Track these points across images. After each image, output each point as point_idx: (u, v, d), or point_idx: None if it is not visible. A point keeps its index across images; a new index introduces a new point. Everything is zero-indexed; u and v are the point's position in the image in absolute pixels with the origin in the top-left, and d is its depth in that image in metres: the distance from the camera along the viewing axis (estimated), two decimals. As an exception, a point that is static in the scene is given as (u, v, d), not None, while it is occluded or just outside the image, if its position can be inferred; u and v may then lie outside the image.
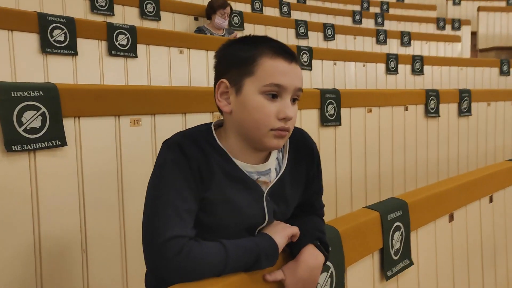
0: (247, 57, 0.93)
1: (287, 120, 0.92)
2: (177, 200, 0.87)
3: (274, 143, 0.94)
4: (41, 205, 1.40)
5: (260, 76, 0.92)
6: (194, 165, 0.91)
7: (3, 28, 2.08)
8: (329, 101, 2.42)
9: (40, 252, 1.40)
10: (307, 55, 3.74)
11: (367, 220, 1.28)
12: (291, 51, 0.96)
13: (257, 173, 0.99)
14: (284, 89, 0.92)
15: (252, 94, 0.92)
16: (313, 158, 1.08)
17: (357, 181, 2.61)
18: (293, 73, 0.93)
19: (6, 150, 1.31)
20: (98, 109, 1.53)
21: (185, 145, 0.91)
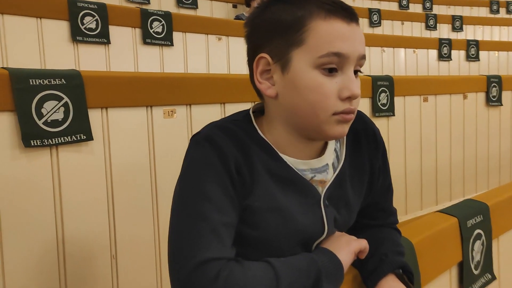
0: (293, 20, 0.71)
1: (352, 99, 0.71)
2: (210, 211, 0.68)
3: (339, 131, 0.72)
4: (64, 206, 1.25)
5: (313, 44, 0.70)
6: (230, 165, 0.71)
7: (32, 15, 1.96)
8: (381, 89, 2.19)
9: (64, 258, 1.26)
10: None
11: (444, 228, 1.05)
12: (349, 7, 0.73)
13: (311, 171, 0.78)
14: (345, 58, 0.70)
15: (304, 69, 0.70)
16: (377, 145, 0.85)
17: (411, 177, 2.38)
18: (355, 37, 0.71)
19: (24, 146, 1.16)
20: (128, 99, 1.37)
21: (217, 138, 0.72)
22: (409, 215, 2.40)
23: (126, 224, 1.38)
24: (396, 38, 3.96)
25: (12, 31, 1.93)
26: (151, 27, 2.37)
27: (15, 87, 1.15)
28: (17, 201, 1.17)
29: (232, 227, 0.70)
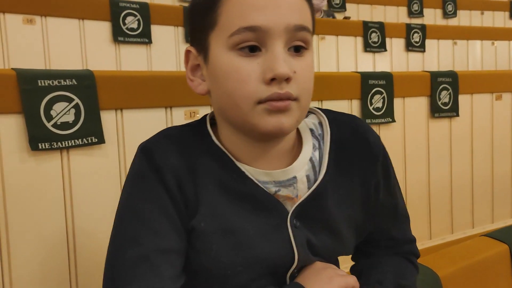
0: (203, 3, 0.61)
1: (281, 81, 0.56)
2: (144, 235, 0.57)
3: (272, 123, 0.57)
4: (75, 212, 1.21)
5: (225, 22, 0.58)
6: (168, 179, 0.59)
7: (74, 17, 1.97)
8: (442, 86, 1.95)
9: (75, 265, 1.21)
10: (418, 34, 3.20)
11: (489, 256, 0.85)
12: None
13: (275, 184, 0.63)
14: (265, 33, 0.56)
15: (220, 54, 0.59)
16: (373, 157, 0.69)
17: (480, 186, 2.11)
18: (277, 3, 0.57)
19: (31, 149, 1.13)
20: (145, 99, 1.30)
21: (155, 149, 0.61)
22: (477, 229, 2.13)
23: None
24: (470, 29, 3.59)
25: (55, 33, 1.96)
26: (194, 25, 2.31)
27: (23, 88, 1.12)
28: (25, 206, 1.14)
29: (174, 253, 0.59)
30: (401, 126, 1.86)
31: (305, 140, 0.67)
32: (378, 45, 3.11)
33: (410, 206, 1.90)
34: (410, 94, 1.89)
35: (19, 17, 1.92)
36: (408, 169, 1.89)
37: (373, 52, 3.11)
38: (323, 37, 2.89)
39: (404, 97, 1.87)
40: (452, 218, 2.05)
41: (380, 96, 1.79)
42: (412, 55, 3.25)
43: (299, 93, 0.59)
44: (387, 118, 1.81)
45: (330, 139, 0.67)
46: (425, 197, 1.97)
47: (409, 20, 4.16)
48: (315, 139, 0.68)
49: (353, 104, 1.75)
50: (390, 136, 1.83)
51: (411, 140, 1.90)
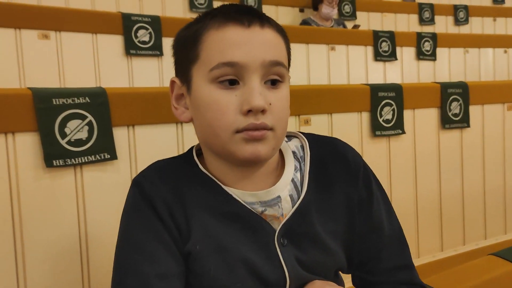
0: (190, 36, 0.66)
1: (257, 112, 0.61)
2: (141, 263, 0.62)
3: (249, 151, 0.62)
4: (89, 228, 1.23)
5: (206, 57, 0.64)
6: (160, 208, 0.64)
7: (87, 31, 2.01)
8: (452, 98, 1.94)
9: (89, 280, 1.24)
10: (429, 43, 3.19)
11: (495, 277, 0.85)
12: (251, 9, 0.67)
13: (261, 204, 0.67)
14: (243, 68, 0.62)
15: (201, 86, 0.64)
16: (353, 171, 0.72)
17: (492, 197, 2.09)
18: (254, 41, 0.63)
19: (46, 166, 1.15)
20: (156, 115, 1.32)
21: (144, 182, 0.67)
22: (490, 240, 2.11)
23: (154, 245, 1.33)
24: (482, 37, 3.57)
25: (69, 47, 2.00)
26: (205, 38, 2.34)
27: (38, 107, 1.15)
28: (40, 221, 1.17)
29: (172, 277, 0.62)
30: (411, 137, 1.86)
31: (287, 162, 0.71)
32: (389, 54, 3.11)
33: (422, 218, 1.90)
34: (420, 106, 1.89)
35: (35, 33, 1.96)
36: (419, 181, 1.89)
37: (383, 61, 3.10)
38: (333, 47, 2.90)
39: (414, 109, 1.87)
40: (464, 230, 2.04)
41: (390, 108, 1.79)
42: (423, 64, 3.24)
43: (274, 123, 0.63)
44: (397, 130, 1.81)
45: (310, 160, 0.71)
46: (437, 208, 1.96)
47: (420, 27, 4.14)
48: (297, 161, 0.72)
49: (363, 116, 1.75)
50: (400, 148, 1.83)
51: (421, 151, 1.89)
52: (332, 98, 1.68)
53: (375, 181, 0.75)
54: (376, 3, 4.25)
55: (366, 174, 0.73)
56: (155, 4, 2.96)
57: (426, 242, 1.91)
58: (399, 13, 4.15)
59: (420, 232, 1.89)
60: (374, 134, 1.76)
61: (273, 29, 0.66)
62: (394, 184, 1.82)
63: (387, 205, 0.75)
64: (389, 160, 1.82)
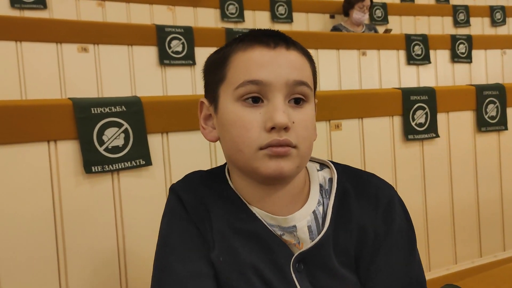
0: (219, 58, 0.70)
1: (280, 129, 0.62)
2: (176, 263, 0.66)
3: (272, 167, 0.63)
4: (126, 232, 1.28)
5: (232, 77, 0.66)
6: (194, 215, 0.70)
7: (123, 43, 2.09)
8: (489, 100, 1.90)
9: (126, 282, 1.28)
10: (464, 45, 3.12)
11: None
12: (276, 32, 0.70)
13: (279, 228, 0.69)
14: (267, 86, 0.64)
15: (227, 104, 0.67)
16: (375, 206, 0.70)
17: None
18: (279, 61, 0.65)
19: (86, 172, 1.21)
20: (189, 122, 1.36)
21: (182, 189, 0.73)
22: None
23: (188, 249, 1.36)
24: (520, 38, 3.46)
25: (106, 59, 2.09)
26: (236, 46, 2.39)
27: (78, 116, 1.21)
28: (81, 225, 1.22)
29: (205, 277, 0.66)
30: (445, 141, 1.83)
31: (312, 194, 0.72)
32: (422, 57, 3.06)
33: (458, 223, 1.85)
34: (454, 109, 1.86)
35: (74, 46, 2.06)
36: (454, 186, 1.85)
37: (416, 65, 3.06)
38: (364, 52, 2.88)
39: (448, 112, 1.84)
40: (504, 236, 1.98)
41: (423, 111, 1.77)
42: (458, 67, 3.17)
43: (298, 141, 0.64)
44: (430, 134, 1.79)
45: (335, 195, 0.71)
46: (474, 214, 1.91)
47: (455, 30, 4.06)
48: (321, 195, 0.72)
49: (395, 120, 1.74)
50: (434, 152, 1.80)
51: (457, 155, 1.85)
52: (363, 103, 1.68)
53: (402, 221, 0.71)
54: (408, 7, 4.19)
55: (389, 210, 0.70)
56: (188, 15, 3.04)
57: (463, 248, 1.86)
58: (433, 15, 4.08)
59: (456, 238, 1.84)
60: (407, 138, 1.74)
61: (299, 51, 0.68)
62: (429, 188, 1.79)
63: (409, 249, 0.70)
64: (423, 165, 1.79)
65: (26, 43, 2.04)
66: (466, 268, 1.80)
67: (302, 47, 0.70)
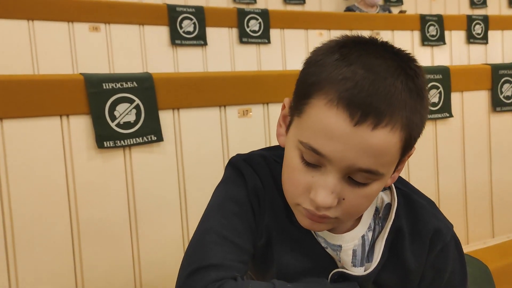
0: (305, 81, 0.59)
1: (319, 206, 0.57)
2: (225, 227, 0.65)
3: (305, 223, 0.61)
4: (137, 206, 1.29)
5: (304, 124, 0.57)
6: (251, 193, 0.68)
7: (135, 23, 2.09)
8: (504, 79, 1.86)
9: (139, 257, 1.30)
10: (480, 25, 3.06)
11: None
12: (374, 105, 0.52)
13: (325, 241, 0.67)
14: (327, 161, 0.55)
15: (292, 141, 0.60)
16: (428, 249, 0.67)
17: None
18: (353, 143, 0.53)
19: (98, 147, 1.22)
20: (200, 99, 1.36)
21: (245, 165, 0.69)
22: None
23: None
24: (539, 18, 3.38)
25: (118, 38, 2.09)
26: (248, 26, 2.37)
27: (90, 91, 1.22)
28: (93, 199, 1.24)
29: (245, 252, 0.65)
30: (459, 121, 1.81)
31: (364, 218, 0.68)
32: (437, 38, 3.01)
33: (471, 204, 1.84)
34: (469, 88, 1.82)
35: (86, 25, 2.07)
36: (467, 166, 1.83)
37: (431, 45, 3.01)
38: (378, 33, 2.84)
39: (463, 91, 1.81)
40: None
41: (437, 90, 1.74)
42: (474, 48, 3.11)
43: (340, 215, 0.59)
44: (444, 113, 1.76)
45: (390, 228, 0.67)
46: (487, 195, 1.89)
47: (471, 11, 3.97)
48: (374, 220, 0.69)
49: (408, 99, 1.71)
50: (447, 131, 1.78)
51: (470, 135, 1.83)
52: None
53: (454, 267, 0.68)
54: (423, -13, 4.12)
55: (443, 256, 0.67)
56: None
57: (476, 228, 1.85)
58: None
59: (469, 219, 1.83)
60: (420, 118, 1.72)
61: (393, 126, 0.54)
62: (442, 169, 1.77)
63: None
64: (436, 144, 1.77)
65: (38, 22, 2.05)
66: (478, 248, 1.79)
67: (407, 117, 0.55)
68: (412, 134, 0.57)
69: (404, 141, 0.56)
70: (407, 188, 0.70)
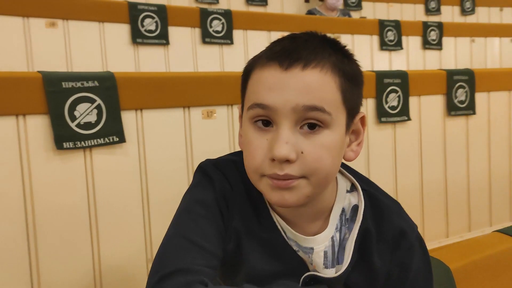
0: (245, 69, 0.67)
1: (281, 162, 0.58)
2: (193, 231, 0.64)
3: (275, 198, 0.60)
4: (98, 209, 1.25)
5: (248, 96, 0.64)
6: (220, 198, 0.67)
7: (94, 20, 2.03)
8: (458, 85, 1.94)
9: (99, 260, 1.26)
10: (436, 32, 3.18)
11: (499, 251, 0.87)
12: (298, 47, 0.60)
13: (296, 244, 0.67)
14: (274, 111, 0.58)
15: (244, 122, 0.64)
16: (393, 249, 0.68)
17: (498, 185, 2.09)
18: (289, 84, 0.58)
19: (57, 148, 1.17)
20: (164, 100, 1.34)
21: (214, 170, 0.70)
22: (495, 227, 2.12)
23: (162, 227, 1.34)
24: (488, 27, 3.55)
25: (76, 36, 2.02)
26: (211, 26, 2.35)
27: (48, 90, 1.17)
28: (51, 203, 1.19)
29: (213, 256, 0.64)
30: (417, 124, 1.87)
31: (333, 216, 0.69)
32: (395, 43, 3.10)
33: (427, 204, 1.90)
34: (426, 93, 1.89)
35: (42, 21, 1.98)
36: (424, 167, 1.90)
37: (389, 50, 3.10)
38: (339, 36, 2.90)
39: (420, 96, 1.87)
40: (470, 216, 2.05)
41: (396, 94, 1.80)
42: (429, 53, 3.23)
43: (306, 172, 0.59)
44: (402, 117, 1.82)
45: (358, 230, 0.68)
46: (443, 195, 1.97)
47: (426, 17, 4.12)
48: (340, 220, 0.69)
49: (369, 102, 1.76)
50: (406, 134, 1.84)
51: (427, 138, 1.90)
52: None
53: (418, 268, 0.70)
54: (382, -7, 4.24)
55: (408, 256, 0.68)
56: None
57: (431, 228, 1.92)
58: (405, 3, 4.13)
59: (425, 219, 1.90)
60: (380, 121, 1.77)
61: (322, 67, 0.59)
62: (400, 170, 1.83)
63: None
64: (395, 147, 1.82)
65: (-9, 16, 1.95)
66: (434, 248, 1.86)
67: (334, 55, 0.62)
68: (347, 83, 0.62)
69: (340, 85, 0.61)
70: (373, 188, 0.72)
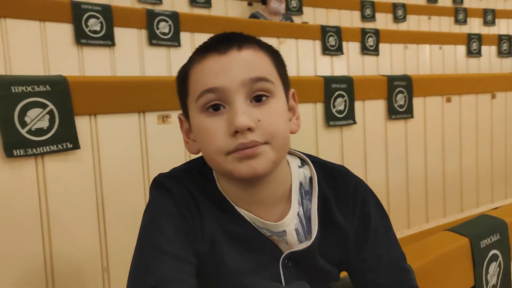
0: (181, 73, 0.71)
1: (243, 132, 0.63)
2: (162, 241, 0.65)
3: (244, 169, 0.64)
4: (51, 219, 1.20)
5: (192, 90, 0.67)
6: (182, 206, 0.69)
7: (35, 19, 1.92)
8: (398, 90, 2.06)
9: (52, 273, 1.20)
10: (373, 38, 3.34)
11: (451, 250, 0.94)
12: (230, 35, 0.69)
13: (268, 231, 0.71)
14: (223, 91, 0.64)
15: (194, 117, 0.68)
16: (352, 208, 0.74)
17: (433, 184, 2.24)
18: (231, 63, 0.65)
19: (6, 156, 1.11)
20: (118, 104, 1.31)
21: (169, 181, 0.72)
22: (431, 223, 2.27)
23: (118, 235, 1.31)
24: (420, 34, 3.79)
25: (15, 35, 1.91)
26: (158, 28, 2.31)
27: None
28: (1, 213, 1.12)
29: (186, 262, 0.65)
30: (361, 127, 1.96)
31: (294, 193, 0.73)
32: (336, 48, 3.22)
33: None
34: (369, 97, 1.99)
35: (-24, 18, 1.85)
36: (368, 169, 1.99)
37: (331, 55, 3.21)
38: (283, 41, 2.96)
39: (364, 100, 1.97)
40: (409, 214, 2.17)
41: (342, 99, 1.87)
42: (367, 58, 3.39)
43: (268, 138, 0.64)
44: (349, 120, 1.90)
45: (317, 197, 0.72)
46: (384, 194, 2.08)
47: (362, 24, 4.32)
48: (300, 195, 0.74)
49: (318, 107, 1.82)
50: (352, 137, 1.93)
51: (371, 141, 2.00)
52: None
53: (376, 213, 0.75)
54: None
55: (365, 212, 0.74)
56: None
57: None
58: (343, 9, 4.30)
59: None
60: (328, 124, 1.83)
61: (254, 48, 0.67)
62: (346, 171, 1.91)
63: (387, 237, 0.75)
64: (342, 149, 1.90)
65: None
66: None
67: (259, 42, 0.70)
68: (276, 61, 0.70)
69: (272, 61, 0.69)
70: (321, 160, 0.79)
